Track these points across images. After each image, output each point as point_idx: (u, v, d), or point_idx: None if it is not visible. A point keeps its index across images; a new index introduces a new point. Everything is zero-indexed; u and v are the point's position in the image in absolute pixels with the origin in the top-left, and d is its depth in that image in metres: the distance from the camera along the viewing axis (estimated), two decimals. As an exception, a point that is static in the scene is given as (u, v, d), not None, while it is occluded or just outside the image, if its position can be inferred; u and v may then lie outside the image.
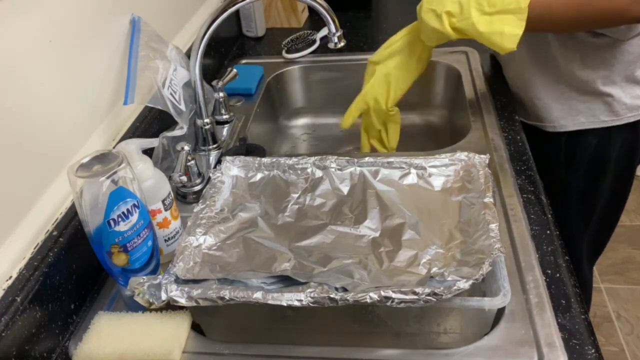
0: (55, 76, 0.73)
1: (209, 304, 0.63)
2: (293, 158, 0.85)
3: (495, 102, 1.09)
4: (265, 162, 0.85)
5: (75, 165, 0.63)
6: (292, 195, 0.82)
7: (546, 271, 0.73)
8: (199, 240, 0.73)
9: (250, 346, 0.69)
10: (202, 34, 0.89)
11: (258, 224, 0.77)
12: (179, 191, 0.91)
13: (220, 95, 1.08)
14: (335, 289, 0.63)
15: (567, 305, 0.69)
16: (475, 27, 0.87)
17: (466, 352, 0.64)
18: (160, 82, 0.88)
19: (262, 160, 0.85)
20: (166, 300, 0.64)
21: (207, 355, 0.67)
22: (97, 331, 0.68)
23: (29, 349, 0.63)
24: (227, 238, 0.75)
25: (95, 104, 0.83)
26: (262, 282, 0.66)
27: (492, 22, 0.86)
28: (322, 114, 1.36)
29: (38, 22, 0.70)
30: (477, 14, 0.86)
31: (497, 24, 0.86)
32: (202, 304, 0.63)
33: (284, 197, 0.82)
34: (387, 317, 0.69)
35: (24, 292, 0.63)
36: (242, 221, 0.78)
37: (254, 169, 0.85)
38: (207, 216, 0.76)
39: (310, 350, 0.68)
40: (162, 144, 0.90)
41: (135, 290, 0.64)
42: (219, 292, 0.63)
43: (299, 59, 1.32)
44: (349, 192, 0.82)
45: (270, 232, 0.76)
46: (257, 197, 0.82)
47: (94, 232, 0.65)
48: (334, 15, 0.91)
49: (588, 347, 0.64)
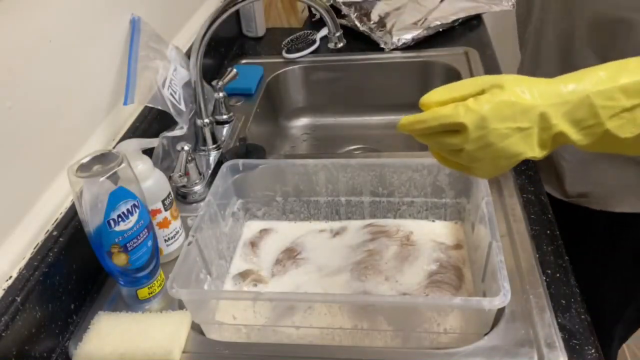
0: (55, 76, 0.73)
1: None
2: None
3: (495, 102, 1.09)
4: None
5: (75, 165, 0.63)
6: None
7: (546, 271, 0.73)
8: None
9: (250, 346, 0.69)
10: (202, 34, 0.89)
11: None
12: (179, 191, 0.91)
13: (220, 95, 1.08)
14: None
15: (567, 305, 0.69)
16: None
17: (466, 352, 0.64)
18: (160, 82, 0.88)
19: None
20: None
21: (207, 355, 0.67)
22: (97, 331, 0.68)
23: (29, 349, 0.63)
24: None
25: (95, 104, 0.83)
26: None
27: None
28: (322, 114, 1.36)
29: (38, 22, 0.70)
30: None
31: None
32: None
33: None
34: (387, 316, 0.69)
35: (24, 292, 0.63)
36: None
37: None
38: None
39: (311, 350, 0.68)
40: (162, 144, 0.90)
41: None
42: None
43: (299, 59, 1.32)
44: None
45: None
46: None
47: (94, 232, 0.65)
48: (334, 15, 0.91)
49: (588, 347, 0.64)
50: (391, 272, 0.79)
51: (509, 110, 0.52)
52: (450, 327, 0.67)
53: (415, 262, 0.80)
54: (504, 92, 0.52)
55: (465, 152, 0.54)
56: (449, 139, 0.54)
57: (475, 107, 0.52)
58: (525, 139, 0.53)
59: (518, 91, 0.52)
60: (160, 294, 0.74)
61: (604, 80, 0.52)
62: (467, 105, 0.52)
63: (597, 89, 0.52)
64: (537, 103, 0.52)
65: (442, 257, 0.80)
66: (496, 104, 0.52)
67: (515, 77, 0.54)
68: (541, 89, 0.53)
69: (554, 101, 0.52)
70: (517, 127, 0.52)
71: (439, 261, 0.79)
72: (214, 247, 0.78)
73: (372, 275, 0.78)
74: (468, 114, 0.52)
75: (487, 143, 0.53)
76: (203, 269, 0.74)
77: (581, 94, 0.52)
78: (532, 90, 0.52)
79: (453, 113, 0.53)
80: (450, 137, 0.54)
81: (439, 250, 0.81)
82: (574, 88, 0.52)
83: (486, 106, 0.52)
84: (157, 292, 0.73)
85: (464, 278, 0.77)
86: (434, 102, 0.55)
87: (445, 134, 0.55)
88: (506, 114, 0.52)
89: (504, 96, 0.52)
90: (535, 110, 0.52)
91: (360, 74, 1.32)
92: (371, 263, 0.80)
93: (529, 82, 0.53)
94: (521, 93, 0.52)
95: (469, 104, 0.52)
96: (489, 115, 0.52)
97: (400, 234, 0.85)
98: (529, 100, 0.52)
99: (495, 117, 0.52)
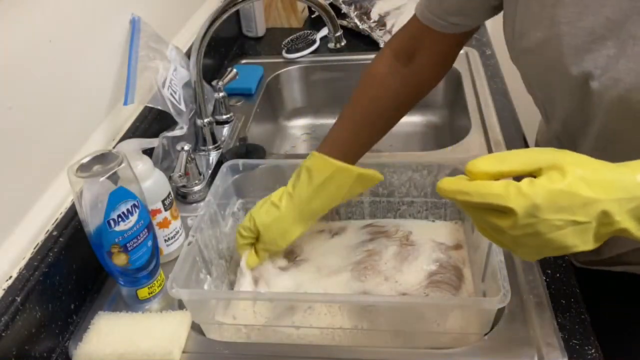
0: (55, 76, 0.73)
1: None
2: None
3: (495, 101, 1.09)
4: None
5: (75, 165, 0.63)
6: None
7: (546, 271, 0.73)
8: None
9: (250, 346, 0.69)
10: (202, 34, 0.89)
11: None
12: (179, 191, 0.90)
13: (220, 95, 1.08)
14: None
15: (567, 305, 0.68)
16: None
17: (466, 352, 0.64)
18: (160, 82, 0.88)
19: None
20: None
21: (207, 355, 0.67)
22: (97, 331, 0.68)
23: (29, 349, 0.63)
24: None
25: (95, 104, 0.83)
26: None
27: None
28: (322, 114, 1.36)
29: (38, 22, 0.70)
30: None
31: None
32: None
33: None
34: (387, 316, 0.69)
35: (24, 292, 0.63)
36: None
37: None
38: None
39: (311, 350, 0.68)
40: (162, 144, 0.90)
41: None
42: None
43: (299, 59, 1.32)
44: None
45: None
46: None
47: (94, 232, 0.65)
48: (334, 15, 0.91)
49: (588, 347, 0.64)
50: (390, 272, 0.79)
51: (567, 202, 0.46)
52: (450, 327, 0.67)
53: (414, 262, 0.80)
54: (564, 180, 0.46)
55: (509, 236, 0.48)
56: (494, 219, 0.48)
57: (529, 193, 0.46)
58: (580, 233, 0.47)
59: (579, 179, 0.46)
60: (160, 294, 0.74)
61: None
62: (520, 188, 0.46)
63: None
64: (600, 197, 0.46)
65: (442, 257, 0.80)
66: (553, 193, 0.45)
67: (578, 160, 0.48)
68: (606, 178, 0.46)
69: (620, 196, 0.46)
70: (573, 220, 0.46)
71: (438, 261, 0.79)
72: (214, 247, 0.78)
73: (371, 276, 0.78)
74: (519, 199, 0.46)
75: (536, 232, 0.47)
76: (203, 269, 0.74)
77: None
78: (595, 180, 0.46)
79: (503, 194, 0.46)
80: (496, 217, 0.48)
81: (439, 251, 0.81)
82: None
83: (541, 194, 0.46)
84: (157, 292, 0.73)
85: (464, 278, 0.77)
86: (483, 173, 0.48)
87: (489, 211, 0.48)
88: (562, 205, 0.46)
89: (563, 184, 0.45)
90: (597, 206, 0.46)
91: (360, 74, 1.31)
92: (370, 263, 0.80)
93: (593, 167, 0.47)
94: (583, 183, 0.46)
95: (523, 188, 0.46)
96: (542, 205, 0.45)
97: (400, 234, 0.85)
98: (591, 193, 0.46)
99: (549, 207, 0.46)
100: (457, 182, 0.49)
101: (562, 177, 0.46)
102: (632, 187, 0.46)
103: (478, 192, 0.47)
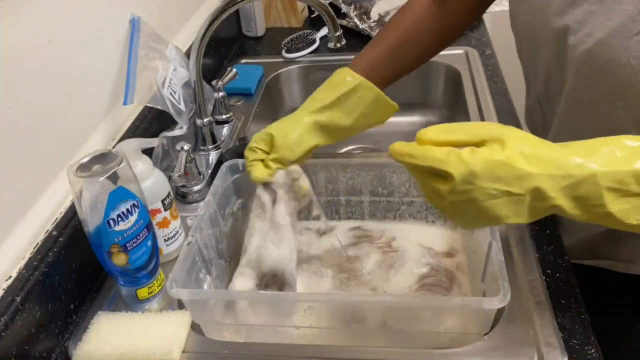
0: (55, 76, 0.73)
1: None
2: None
3: (495, 101, 1.09)
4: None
5: (75, 165, 0.63)
6: None
7: (546, 271, 0.73)
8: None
9: (250, 346, 0.69)
10: (202, 34, 0.89)
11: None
12: (179, 191, 0.90)
13: (220, 95, 1.08)
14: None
15: (567, 305, 0.68)
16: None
17: (466, 352, 0.64)
18: (160, 82, 0.88)
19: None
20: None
21: (207, 355, 0.67)
22: (97, 331, 0.68)
23: (28, 349, 0.63)
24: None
25: (95, 104, 0.83)
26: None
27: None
28: (322, 114, 1.36)
29: (38, 22, 0.70)
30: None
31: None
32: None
33: None
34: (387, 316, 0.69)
35: (24, 292, 0.63)
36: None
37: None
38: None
39: (311, 350, 0.67)
40: (162, 144, 0.90)
41: None
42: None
43: (299, 59, 1.32)
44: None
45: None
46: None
47: (93, 232, 0.64)
48: (334, 15, 0.91)
49: (588, 347, 0.64)
50: (377, 282, 0.78)
51: (503, 173, 0.48)
52: (450, 327, 0.67)
53: (401, 269, 0.79)
54: (503, 152, 0.48)
55: (448, 201, 0.51)
56: (435, 182, 0.51)
57: (469, 160, 0.48)
58: (514, 204, 0.49)
59: (518, 154, 0.48)
60: (160, 294, 0.74)
61: (619, 161, 0.47)
62: (461, 155, 0.49)
63: (607, 169, 0.47)
64: (535, 172, 0.48)
65: (432, 262, 0.80)
66: (491, 163, 0.48)
67: (520, 135, 0.50)
68: (544, 155, 0.48)
69: (555, 172, 0.48)
70: (508, 191, 0.48)
71: (429, 265, 0.79)
72: (214, 247, 0.78)
73: (354, 287, 0.78)
74: (459, 165, 0.48)
75: (471, 199, 0.49)
76: (203, 269, 0.74)
77: (588, 171, 0.47)
78: (533, 156, 0.48)
79: (444, 159, 0.49)
80: (436, 181, 0.51)
81: (429, 256, 0.81)
82: (581, 162, 0.48)
83: (480, 162, 0.48)
84: (157, 292, 0.73)
85: (456, 280, 0.77)
86: (430, 140, 0.51)
87: (432, 176, 0.51)
88: (499, 176, 0.48)
89: (502, 156, 0.48)
90: (532, 180, 0.48)
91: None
92: (353, 273, 0.80)
93: (533, 144, 0.49)
94: (521, 157, 0.48)
95: (463, 155, 0.49)
96: (480, 173, 0.48)
97: (383, 240, 0.84)
98: (527, 167, 0.48)
99: (486, 176, 0.48)
100: (407, 145, 0.53)
101: (502, 149, 0.48)
102: (569, 167, 0.48)
103: (423, 156, 0.51)
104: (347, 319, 0.71)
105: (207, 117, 0.97)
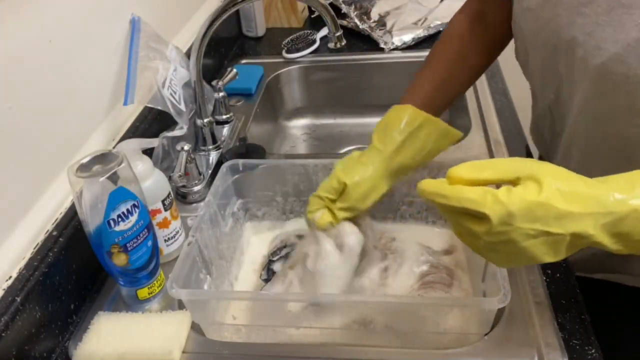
0: (55, 76, 0.73)
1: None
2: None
3: (495, 101, 1.09)
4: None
5: (75, 165, 0.63)
6: None
7: (546, 271, 0.73)
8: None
9: (250, 346, 0.69)
10: (202, 34, 0.89)
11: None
12: (179, 191, 0.90)
13: (220, 95, 1.08)
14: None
15: (567, 305, 0.68)
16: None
17: (466, 352, 0.64)
18: (160, 82, 0.88)
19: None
20: None
21: (207, 355, 0.67)
22: (97, 331, 0.68)
23: (28, 349, 0.63)
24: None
25: (95, 104, 0.83)
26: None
27: None
28: (322, 114, 1.36)
29: (38, 22, 0.70)
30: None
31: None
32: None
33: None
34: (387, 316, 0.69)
35: (24, 292, 0.63)
36: None
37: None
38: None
39: (311, 350, 0.68)
40: (162, 144, 0.90)
41: None
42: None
43: (299, 59, 1.32)
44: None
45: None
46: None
47: (93, 232, 0.64)
48: (334, 15, 0.91)
49: (588, 347, 0.64)
50: (375, 288, 0.78)
51: (541, 213, 0.46)
52: (450, 327, 0.67)
53: (399, 270, 0.79)
54: (540, 192, 0.46)
55: (483, 241, 0.49)
56: (469, 223, 0.49)
57: (505, 201, 0.46)
58: (553, 244, 0.48)
59: (555, 191, 0.46)
60: (160, 294, 0.74)
61: None
62: (497, 196, 0.47)
63: None
64: (574, 210, 0.46)
65: (431, 259, 0.80)
66: (528, 203, 0.46)
67: (554, 171, 0.48)
68: (582, 192, 0.47)
69: (595, 210, 0.46)
70: (546, 231, 0.47)
71: (428, 262, 0.79)
72: (214, 247, 0.78)
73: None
74: (495, 206, 0.46)
75: (509, 240, 0.47)
76: (203, 269, 0.74)
77: (629, 207, 0.46)
78: (571, 193, 0.46)
79: (479, 201, 0.47)
80: (471, 222, 0.49)
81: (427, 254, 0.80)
82: (621, 198, 0.46)
83: (517, 203, 0.46)
84: (157, 292, 0.73)
85: (456, 276, 0.77)
86: (461, 179, 0.49)
87: (466, 216, 0.49)
88: (537, 216, 0.46)
89: (539, 197, 0.46)
90: (571, 219, 0.46)
91: (360, 74, 1.32)
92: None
93: (569, 180, 0.48)
94: (559, 195, 0.46)
95: (499, 196, 0.46)
96: (517, 213, 0.46)
97: (383, 240, 0.84)
98: (566, 206, 0.46)
99: (524, 216, 0.46)
100: (437, 184, 0.50)
101: (538, 188, 0.46)
102: (609, 203, 0.46)
103: (456, 197, 0.48)
104: (347, 319, 0.71)
105: (207, 117, 0.97)
